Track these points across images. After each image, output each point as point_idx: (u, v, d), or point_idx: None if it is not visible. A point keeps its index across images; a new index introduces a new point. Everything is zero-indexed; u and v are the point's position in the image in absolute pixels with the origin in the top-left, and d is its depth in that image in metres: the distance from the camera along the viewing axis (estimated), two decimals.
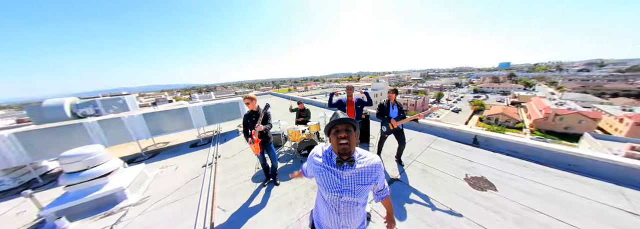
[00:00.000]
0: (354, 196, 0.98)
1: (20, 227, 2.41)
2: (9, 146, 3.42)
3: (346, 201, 0.99)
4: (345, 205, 1.00)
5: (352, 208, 1.01)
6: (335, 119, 0.97)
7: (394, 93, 2.99)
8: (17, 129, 3.66)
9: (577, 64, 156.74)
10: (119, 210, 2.56)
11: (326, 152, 1.05)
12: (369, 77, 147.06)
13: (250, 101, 2.39)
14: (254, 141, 2.38)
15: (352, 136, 0.96)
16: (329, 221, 1.06)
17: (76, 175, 2.51)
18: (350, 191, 0.97)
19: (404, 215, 2.13)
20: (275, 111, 9.20)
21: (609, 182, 2.48)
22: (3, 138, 3.37)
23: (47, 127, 3.74)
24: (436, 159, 3.30)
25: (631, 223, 1.89)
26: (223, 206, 2.45)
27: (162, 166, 3.92)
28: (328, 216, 1.05)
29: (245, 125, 2.56)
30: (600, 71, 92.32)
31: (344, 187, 0.98)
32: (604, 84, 60.39)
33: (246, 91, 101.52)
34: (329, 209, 1.03)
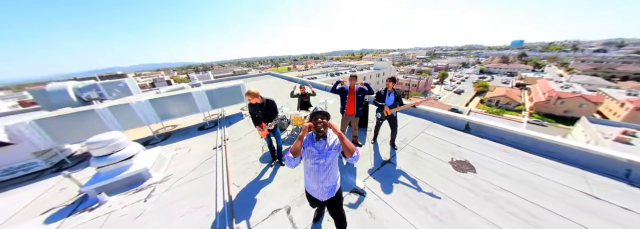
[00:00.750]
0: (326, 159, 1.49)
1: (66, 201, 2.85)
2: (33, 132, 3.70)
3: (322, 164, 1.49)
4: (322, 167, 1.50)
5: (327, 169, 1.52)
6: (315, 111, 1.50)
7: (392, 82, 3.08)
8: (36, 116, 3.88)
9: (595, 43, 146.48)
10: (147, 186, 2.98)
11: (309, 135, 1.56)
12: (372, 55, 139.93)
13: (252, 97, 2.52)
14: (262, 129, 2.61)
15: (325, 122, 1.46)
16: (312, 182, 1.56)
17: (105, 158, 2.83)
18: (324, 156, 1.48)
19: (392, 191, 2.51)
20: (276, 96, 9.26)
21: (578, 167, 2.79)
22: (25, 125, 3.62)
23: (62, 114, 3.94)
24: (427, 144, 3.60)
25: (583, 202, 2.24)
26: (237, 183, 2.84)
27: (177, 148, 4.27)
28: (312, 178, 1.55)
29: (252, 114, 2.75)
30: (618, 51, 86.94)
31: (321, 155, 1.48)
32: (617, 67, 57.80)
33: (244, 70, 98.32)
34: (311, 173, 1.53)
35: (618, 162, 2.61)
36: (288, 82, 12.37)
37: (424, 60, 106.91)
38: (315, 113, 1.48)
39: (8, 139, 3.54)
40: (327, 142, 1.49)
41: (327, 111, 1.51)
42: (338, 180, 1.64)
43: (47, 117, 3.81)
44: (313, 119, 1.48)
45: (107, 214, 2.50)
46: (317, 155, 1.48)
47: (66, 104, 7.47)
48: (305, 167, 1.58)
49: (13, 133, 3.58)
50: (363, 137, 4.03)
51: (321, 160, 1.48)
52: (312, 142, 1.51)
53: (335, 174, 1.59)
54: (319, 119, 1.45)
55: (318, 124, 1.45)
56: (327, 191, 1.56)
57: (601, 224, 1.97)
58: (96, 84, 8.06)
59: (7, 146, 3.54)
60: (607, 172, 2.66)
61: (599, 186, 2.47)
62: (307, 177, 1.59)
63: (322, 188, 1.55)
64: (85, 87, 7.81)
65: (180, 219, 2.29)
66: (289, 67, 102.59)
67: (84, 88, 7.75)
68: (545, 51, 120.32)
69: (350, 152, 1.40)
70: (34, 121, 3.71)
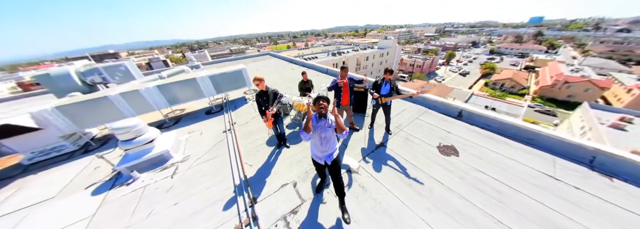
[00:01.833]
0: (327, 132, 1.98)
1: (103, 177, 3.33)
2: (56, 118, 4.00)
3: (323, 137, 1.98)
4: (324, 140, 2.00)
5: (327, 140, 2.01)
6: (317, 96, 1.92)
7: (389, 73, 3.21)
8: (57, 103, 4.12)
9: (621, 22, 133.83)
10: (171, 165, 3.42)
11: (314, 115, 2.03)
12: (376, 32, 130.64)
13: (259, 82, 2.70)
14: (268, 119, 2.88)
15: (325, 104, 1.90)
16: (317, 151, 2.07)
17: (130, 142, 3.19)
18: (325, 131, 1.96)
19: (382, 171, 2.92)
20: (276, 77, 9.26)
21: (551, 153, 3.13)
22: (48, 112, 3.90)
23: (78, 101, 4.16)
24: (419, 129, 3.91)
25: (544, 182, 2.64)
26: (249, 163, 3.26)
27: (189, 131, 4.64)
28: (317, 148, 2.06)
29: (258, 103, 2.98)
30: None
31: (322, 130, 1.96)
32: (636, 49, 54.26)
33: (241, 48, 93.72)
34: (316, 143, 2.03)
35: (586, 149, 2.93)
36: (288, 64, 12.14)
37: (432, 38, 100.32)
38: (318, 98, 1.89)
39: (36, 124, 3.87)
40: (327, 121, 1.95)
41: (326, 95, 1.89)
42: (336, 150, 2.14)
43: (65, 104, 4.06)
44: (316, 103, 1.90)
45: (142, 188, 2.98)
46: (321, 129, 1.96)
47: (72, 88, 7.65)
48: (312, 139, 2.02)
49: (39, 119, 3.89)
50: (361, 122, 4.33)
51: (322, 134, 1.96)
52: (316, 121, 1.97)
53: (334, 145, 2.10)
54: (321, 102, 1.87)
55: (320, 106, 1.88)
56: (327, 157, 2.07)
57: (551, 200, 2.40)
58: (98, 68, 8.06)
59: (37, 131, 3.89)
60: (575, 158, 3.01)
61: (564, 170, 2.84)
62: (313, 147, 2.10)
63: (324, 155, 2.05)
64: (87, 71, 7.85)
65: (206, 191, 2.77)
66: (289, 45, 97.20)
67: (86, 72, 7.81)
68: (564, 30, 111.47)
69: (340, 130, 1.87)
70: (55, 108, 3.98)
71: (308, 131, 1.86)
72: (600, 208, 2.29)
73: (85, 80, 7.92)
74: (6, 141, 3.80)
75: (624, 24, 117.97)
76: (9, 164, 4.21)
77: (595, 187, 2.55)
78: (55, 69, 7.33)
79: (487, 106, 26.99)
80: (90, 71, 7.87)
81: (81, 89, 7.73)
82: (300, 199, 2.55)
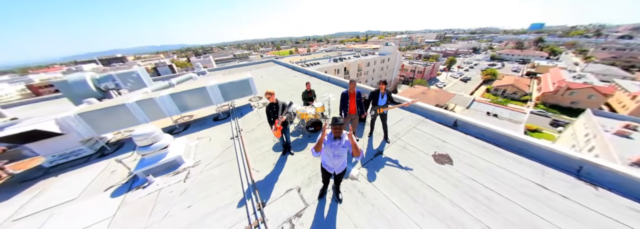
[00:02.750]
0: (341, 152, 2.24)
1: (120, 180, 3.58)
2: (77, 124, 4.32)
3: (336, 154, 2.24)
4: (337, 157, 2.27)
5: (339, 157, 2.28)
6: (334, 122, 2.08)
7: (384, 84, 3.48)
8: (78, 109, 4.45)
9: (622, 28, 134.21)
10: (183, 170, 3.67)
11: (328, 135, 2.25)
12: (378, 39, 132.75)
13: (270, 95, 2.99)
14: (277, 128, 3.14)
15: (341, 128, 2.10)
16: (329, 162, 2.35)
17: (147, 148, 3.46)
18: (337, 149, 2.20)
19: (380, 178, 3.12)
20: (280, 84, 9.60)
21: (540, 163, 3.31)
22: (71, 118, 4.22)
23: (99, 108, 4.49)
24: (416, 138, 4.13)
25: (532, 190, 2.82)
26: (256, 169, 3.49)
27: (198, 137, 4.91)
28: (329, 161, 2.34)
29: (268, 114, 3.25)
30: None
31: (335, 149, 2.21)
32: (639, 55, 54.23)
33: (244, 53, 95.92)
34: (329, 158, 2.31)
35: (572, 159, 3.11)
36: (291, 71, 12.54)
37: (433, 44, 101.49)
38: (335, 123, 2.08)
39: (59, 129, 4.18)
40: (341, 141, 2.19)
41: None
42: (345, 164, 2.44)
43: (87, 110, 4.39)
44: (333, 127, 2.12)
45: (157, 191, 3.22)
46: (335, 149, 2.22)
47: (87, 93, 8.08)
48: (326, 154, 2.30)
49: (62, 125, 4.21)
50: (361, 130, 4.56)
51: (335, 151, 2.22)
52: (330, 140, 2.21)
53: (344, 160, 2.39)
54: (337, 127, 2.10)
55: (336, 130, 2.12)
56: (336, 169, 2.39)
57: (539, 208, 2.57)
58: (112, 75, 8.54)
59: (60, 135, 4.20)
60: (563, 167, 3.19)
61: (552, 179, 3.02)
62: (326, 159, 2.36)
63: (335, 167, 2.37)
64: (102, 77, 8.32)
65: (217, 195, 2.99)
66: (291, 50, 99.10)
67: (101, 79, 8.27)
68: (565, 36, 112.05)
69: (357, 153, 2.09)
70: (77, 115, 4.30)
71: (317, 150, 2.13)
72: (585, 216, 2.46)
73: (100, 86, 8.37)
74: (31, 144, 4.12)
75: (626, 31, 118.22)
76: (31, 166, 4.50)
77: (581, 196, 2.72)
78: (73, 75, 7.80)
79: (489, 112, 27.02)
80: (104, 77, 8.34)
81: (95, 94, 8.17)
82: (304, 204, 2.76)
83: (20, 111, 9.90)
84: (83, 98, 7.77)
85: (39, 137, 4.03)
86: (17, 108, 10.52)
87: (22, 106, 11.05)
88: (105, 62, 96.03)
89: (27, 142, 4.04)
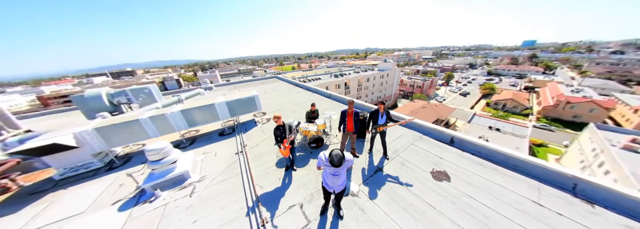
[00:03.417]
0: (340, 173, 2.40)
1: (128, 194, 3.70)
2: (92, 138, 4.59)
3: (336, 173, 2.39)
4: (336, 176, 2.41)
5: (339, 177, 2.43)
6: (334, 162, 2.22)
7: (382, 104, 3.77)
8: (94, 124, 4.76)
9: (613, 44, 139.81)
10: (189, 185, 3.80)
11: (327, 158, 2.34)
12: (376, 55, 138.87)
13: (277, 119, 3.29)
14: (285, 147, 3.36)
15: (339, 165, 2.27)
16: (330, 182, 2.48)
17: (158, 162, 3.65)
18: (337, 174, 2.39)
19: (380, 194, 3.21)
20: (283, 100, 10.01)
21: (536, 180, 3.41)
22: (88, 132, 4.51)
23: (115, 123, 4.80)
24: (415, 155, 4.27)
25: (528, 207, 2.89)
26: (260, 184, 3.61)
27: (204, 152, 5.10)
28: (329, 181, 2.47)
29: (275, 135, 3.50)
30: (637, 53, 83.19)
31: (335, 172, 2.38)
32: (634, 70, 55.63)
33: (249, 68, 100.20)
34: (330, 178, 2.44)
35: (566, 176, 3.21)
36: (294, 87, 13.12)
37: (430, 60, 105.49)
38: (334, 164, 2.24)
39: (75, 143, 4.43)
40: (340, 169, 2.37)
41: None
42: (344, 183, 2.58)
43: (103, 125, 4.68)
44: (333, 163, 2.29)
45: (163, 205, 3.32)
46: (333, 173, 2.41)
47: (100, 107, 8.56)
48: (328, 174, 2.46)
49: (79, 138, 4.47)
50: (361, 147, 4.73)
51: (336, 173, 2.42)
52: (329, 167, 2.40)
53: (344, 179, 2.53)
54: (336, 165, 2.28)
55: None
56: (335, 188, 2.53)
57: (535, 225, 2.62)
58: (125, 90, 9.10)
59: (74, 149, 4.43)
60: (558, 185, 3.27)
61: (548, 196, 3.09)
62: (326, 177, 2.50)
63: (334, 186, 2.51)
64: (116, 93, 8.87)
65: (222, 210, 3.08)
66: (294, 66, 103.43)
67: (115, 94, 8.82)
68: (557, 52, 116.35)
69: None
70: (94, 129, 4.59)
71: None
72: None
73: (113, 101, 8.88)
74: (46, 157, 4.32)
75: (616, 46, 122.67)
76: (41, 178, 4.65)
77: (577, 213, 2.78)
78: (90, 91, 8.37)
79: (491, 127, 26.90)
80: (118, 92, 8.90)
81: (108, 108, 8.65)
82: (306, 220, 2.84)
83: (32, 122, 10.29)
84: (96, 112, 8.22)
85: (55, 150, 4.26)
86: (29, 120, 10.94)
87: (33, 118, 11.51)
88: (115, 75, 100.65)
89: (43, 155, 4.26)
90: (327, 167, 2.38)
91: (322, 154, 2.40)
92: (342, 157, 2.22)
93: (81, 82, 68.02)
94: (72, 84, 67.93)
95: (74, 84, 67.76)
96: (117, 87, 52.46)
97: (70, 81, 77.23)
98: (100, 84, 58.68)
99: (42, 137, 4.34)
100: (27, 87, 60.67)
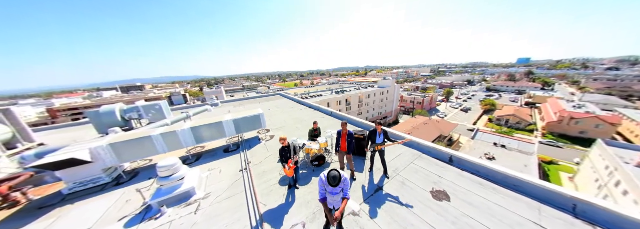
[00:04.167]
0: (338, 192, 2.53)
1: (134, 211, 3.78)
2: (106, 153, 4.84)
3: (334, 193, 2.53)
4: (335, 195, 2.55)
5: (337, 196, 2.57)
6: (332, 183, 2.42)
7: (379, 125, 4.02)
8: (109, 140, 5.05)
9: (607, 61, 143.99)
10: (194, 202, 3.88)
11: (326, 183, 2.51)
12: (376, 72, 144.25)
13: (283, 141, 3.57)
14: (290, 168, 3.56)
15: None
16: (330, 200, 2.63)
17: (168, 178, 3.82)
18: (335, 193, 2.53)
19: (381, 214, 3.26)
20: (286, 117, 10.36)
21: (536, 200, 3.44)
22: (103, 148, 4.78)
23: (128, 139, 5.09)
24: (414, 174, 4.35)
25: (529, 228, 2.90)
26: (264, 202, 3.69)
27: (209, 169, 5.24)
28: (329, 198, 2.62)
29: (281, 155, 3.73)
30: (632, 70, 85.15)
31: (333, 192, 2.52)
32: (634, 85, 56.29)
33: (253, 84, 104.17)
34: (329, 196, 2.60)
35: (565, 197, 3.26)
36: (297, 105, 13.62)
37: (429, 77, 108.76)
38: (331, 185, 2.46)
39: (90, 158, 4.66)
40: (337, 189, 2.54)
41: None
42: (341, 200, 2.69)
43: (118, 141, 4.97)
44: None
45: (169, 222, 3.39)
46: (332, 192, 2.57)
47: (112, 123, 8.99)
48: (327, 192, 2.63)
49: (94, 154, 4.72)
50: (361, 165, 4.85)
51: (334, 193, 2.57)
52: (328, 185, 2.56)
53: (340, 201, 2.64)
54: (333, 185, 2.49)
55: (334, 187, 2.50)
56: (335, 204, 2.66)
57: None
58: (138, 106, 9.66)
59: (87, 164, 4.65)
60: (559, 205, 3.30)
61: (549, 217, 3.10)
62: (329, 196, 2.65)
63: (334, 203, 2.65)
64: (129, 109, 9.41)
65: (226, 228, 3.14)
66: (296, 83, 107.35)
67: (128, 110, 9.34)
68: (553, 69, 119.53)
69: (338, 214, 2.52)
70: (108, 145, 4.87)
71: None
72: None
73: (125, 116, 9.36)
74: (59, 171, 4.50)
75: (611, 63, 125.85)
76: (51, 192, 4.75)
77: None
78: (105, 107, 8.93)
79: (496, 143, 26.40)
80: (131, 108, 9.44)
81: (119, 123, 9.08)
82: None
83: (43, 136, 10.65)
84: (108, 127, 8.64)
85: (70, 164, 4.47)
86: (41, 133, 11.32)
87: (45, 131, 11.93)
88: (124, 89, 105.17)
89: (59, 169, 4.46)
90: (326, 186, 2.56)
91: (322, 174, 2.59)
92: (339, 179, 2.41)
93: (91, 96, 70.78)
94: (83, 97, 70.62)
95: (84, 97, 70.45)
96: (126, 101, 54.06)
97: (81, 94, 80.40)
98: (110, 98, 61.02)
99: (60, 152, 4.61)
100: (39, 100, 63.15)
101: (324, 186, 2.57)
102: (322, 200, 2.63)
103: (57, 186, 4.97)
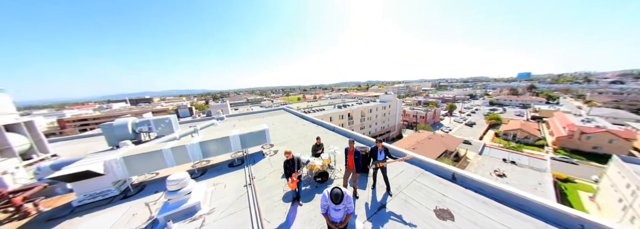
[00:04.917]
0: (341, 208, 2.65)
1: (141, 225, 3.84)
2: (118, 166, 5.05)
3: (337, 209, 2.64)
4: (338, 211, 2.68)
5: (339, 213, 2.68)
6: (334, 201, 2.58)
7: (380, 142, 4.18)
8: (123, 153, 5.31)
9: (609, 75, 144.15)
10: (199, 217, 3.94)
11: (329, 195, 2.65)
12: (378, 87, 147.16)
13: (288, 154, 3.77)
14: (293, 181, 3.69)
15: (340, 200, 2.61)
16: (333, 215, 2.76)
17: (176, 192, 3.95)
18: (338, 210, 2.67)
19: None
20: (290, 132, 10.58)
21: (542, 220, 3.39)
22: (116, 161, 5.01)
23: (140, 152, 5.33)
24: (417, 192, 4.36)
25: None
26: (268, 219, 3.72)
27: (214, 183, 5.33)
28: (332, 213, 2.75)
29: (285, 168, 3.89)
30: (638, 83, 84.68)
31: (336, 208, 2.66)
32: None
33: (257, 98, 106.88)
34: (332, 211, 2.73)
35: (572, 217, 3.22)
36: (300, 120, 13.92)
37: (430, 91, 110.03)
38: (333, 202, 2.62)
39: (103, 171, 4.86)
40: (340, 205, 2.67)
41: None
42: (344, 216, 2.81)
43: (131, 154, 5.20)
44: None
45: None
46: (335, 208, 2.69)
47: (123, 135, 9.37)
48: (330, 208, 2.75)
49: (107, 167, 4.93)
50: (364, 182, 4.88)
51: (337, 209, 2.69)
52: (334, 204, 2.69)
53: (343, 215, 2.77)
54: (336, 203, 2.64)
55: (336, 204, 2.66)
56: (338, 218, 2.75)
57: None
58: (148, 120, 10.13)
59: (99, 176, 4.82)
60: (565, 226, 3.24)
61: None
62: (332, 212, 2.76)
63: (337, 218, 2.74)
64: (140, 122, 9.87)
65: None
66: (299, 97, 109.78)
67: (139, 123, 9.79)
68: (555, 83, 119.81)
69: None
70: (121, 158, 5.10)
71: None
72: None
73: (136, 129, 9.77)
74: (72, 183, 4.65)
75: (614, 77, 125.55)
76: (61, 203, 4.85)
77: None
78: (119, 120, 9.40)
79: (505, 159, 25.50)
80: (142, 122, 9.90)
81: (130, 136, 9.45)
82: None
83: (55, 147, 10.97)
84: (119, 139, 9.01)
85: (85, 177, 4.64)
86: (54, 144, 11.68)
87: (57, 143, 12.31)
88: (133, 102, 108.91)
89: (72, 181, 4.62)
90: (329, 203, 2.68)
91: (326, 191, 2.72)
92: (342, 196, 2.55)
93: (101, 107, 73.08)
94: (93, 108, 72.93)
95: (94, 108, 72.74)
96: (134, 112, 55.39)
97: (92, 106, 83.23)
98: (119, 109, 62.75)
99: (76, 164, 4.83)
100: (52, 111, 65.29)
101: (326, 202, 2.68)
102: (325, 214, 2.75)
103: (67, 198, 5.09)
